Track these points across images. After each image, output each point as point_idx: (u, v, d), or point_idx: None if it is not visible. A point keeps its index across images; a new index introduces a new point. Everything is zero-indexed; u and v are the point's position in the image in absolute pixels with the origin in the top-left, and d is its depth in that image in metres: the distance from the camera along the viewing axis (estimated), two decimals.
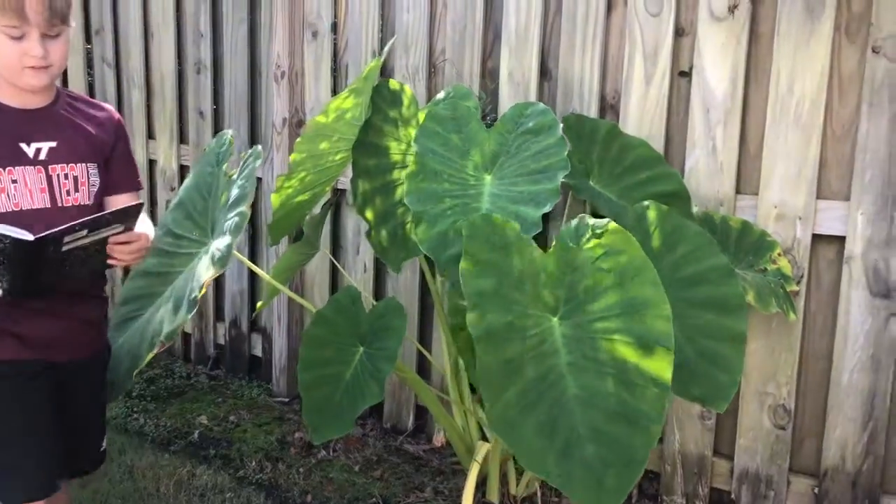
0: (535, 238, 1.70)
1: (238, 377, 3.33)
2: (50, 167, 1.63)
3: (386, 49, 2.16)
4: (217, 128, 3.32)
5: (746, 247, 2.09)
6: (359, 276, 2.93)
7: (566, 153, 1.79)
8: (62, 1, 1.60)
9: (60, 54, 1.63)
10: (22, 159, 1.60)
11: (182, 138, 3.43)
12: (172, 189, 3.46)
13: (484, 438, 2.30)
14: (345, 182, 2.79)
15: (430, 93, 2.71)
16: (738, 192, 2.19)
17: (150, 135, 3.52)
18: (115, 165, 1.77)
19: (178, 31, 3.36)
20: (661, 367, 1.50)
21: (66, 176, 1.65)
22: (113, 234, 1.55)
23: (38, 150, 1.63)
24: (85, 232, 1.48)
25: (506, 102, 2.51)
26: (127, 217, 1.55)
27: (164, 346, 1.61)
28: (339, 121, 2.06)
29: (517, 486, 2.32)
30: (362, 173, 2.12)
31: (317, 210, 2.65)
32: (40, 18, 1.56)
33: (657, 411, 1.48)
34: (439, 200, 1.81)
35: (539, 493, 2.32)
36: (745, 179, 2.19)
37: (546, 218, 1.83)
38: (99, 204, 1.72)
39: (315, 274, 3.06)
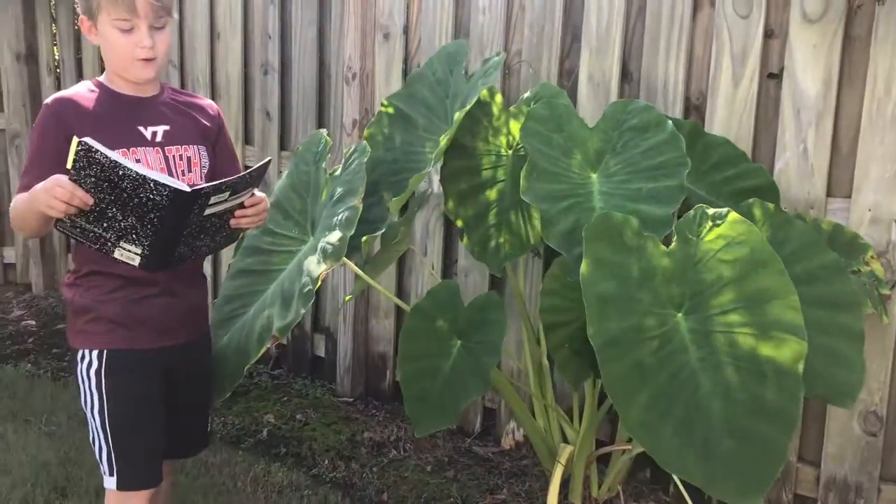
0: None
1: (300, 376, 3.33)
2: (166, 148, 1.69)
3: (492, 62, 2.12)
4: (283, 129, 3.34)
5: (838, 249, 2.06)
6: (426, 276, 2.93)
7: (683, 149, 1.78)
8: None
9: (165, 46, 1.69)
10: (142, 141, 1.66)
11: (247, 139, 3.46)
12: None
13: (565, 440, 2.29)
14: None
15: (506, 94, 2.71)
16: (829, 194, 2.17)
17: None
18: (220, 152, 1.82)
19: (244, 32, 3.39)
20: (793, 357, 1.48)
21: (180, 157, 1.71)
22: (245, 200, 1.57)
23: (155, 133, 1.68)
24: (227, 194, 1.50)
25: (584, 104, 2.50)
26: (259, 176, 1.57)
27: (276, 340, 1.62)
28: None
29: (599, 488, 2.31)
30: (453, 176, 2.12)
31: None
32: (149, 10, 1.62)
33: (793, 403, 1.47)
34: (557, 199, 1.80)
35: (621, 496, 2.30)
36: (837, 182, 2.17)
37: None
38: None
39: (382, 276, 3.07)
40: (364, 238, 1.90)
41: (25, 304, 4.08)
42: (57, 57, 4.19)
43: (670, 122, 1.84)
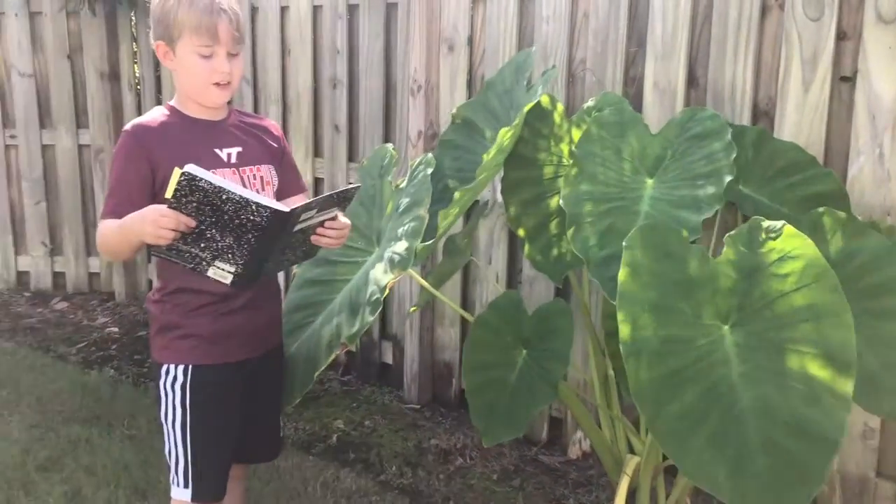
0: None
1: (369, 383, 3.39)
2: (241, 169, 1.75)
3: (547, 75, 2.13)
4: (351, 141, 3.41)
5: None
6: (490, 285, 2.95)
7: (733, 158, 1.76)
8: (242, 18, 1.74)
9: (239, 72, 1.75)
10: (220, 163, 1.72)
11: (317, 152, 3.54)
12: None
13: (632, 450, 2.27)
14: (481, 193, 2.82)
15: (569, 102, 2.71)
16: None
17: None
18: (285, 170, 1.88)
19: (314, 47, 3.48)
20: (842, 378, 1.44)
21: (254, 176, 1.77)
22: (328, 219, 1.62)
23: (230, 155, 1.75)
24: (315, 211, 1.55)
25: (650, 111, 2.48)
26: (347, 199, 1.61)
27: (345, 347, 1.66)
28: None
29: (666, 500, 2.27)
30: (514, 186, 2.14)
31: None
32: (228, 38, 1.69)
33: (838, 425, 1.42)
34: (597, 203, 1.81)
35: None
36: None
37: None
38: None
39: (446, 285, 3.10)
40: (419, 246, 1.93)
41: (109, 312, 4.26)
42: (137, 75, 4.37)
43: (730, 130, 1.81)
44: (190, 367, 1.71)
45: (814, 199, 1.99)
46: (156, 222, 1.50)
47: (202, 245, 1.54)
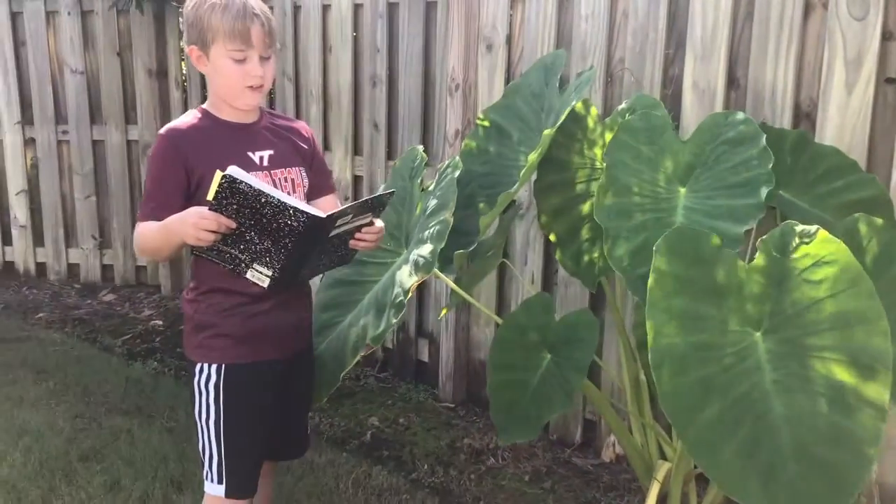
0: None
1: (405, 380, 3.41)
2: (272, 171, 1.77)
3: (585, 77, 2.11)
4: (390, 139, 3.43)
5: None
6: (526, 286, 2.94)
7: (770, 165, 1.72)
8: (274, 22, 1.76)
9: (271, 75, 1.78)
10: (252, 166, 1.74)
11: (356, 150, 3.57)
12: (346, 198, 3.59)
13: (663, 456, 2.25)
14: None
15: (607, 102, 2.69)
16: None
17: (327, 146, 3.68)
18: (316, 171, 1.89)
19: (354, 46, 3.50)
20: (878, 386, 1.40)
21: (285, 179, 1.79)
22: (364, 224, 1.64)
23: (262, 157, 1.77)
24: (350, 216, 1.57)
25: (688, 112, 2.45)
26: (382, 205, 1.63)
27: (370, 348, 1.68)
28: None
29: None
30: (546, 190, 2.13)
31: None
32: (261, 42, 1.71)
33: (873, 435, 1.38)
34: (630, 215, 1.78)
35: None
36: None
37: None
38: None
39: (482, 283, 3.10)
40: (457, 252, 1.94)
41: (154, 305, 4.36)
42: (184, 72, 4.46)
43: (764, 136, 1.77)
44: (223, 366, 1.74)
45: (856, 204, 1.94)
46: (197, 224, 1.54)
47: (241, 247, 1.57)
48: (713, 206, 1.76)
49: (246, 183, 1.48)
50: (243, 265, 1.60)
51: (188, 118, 1.78)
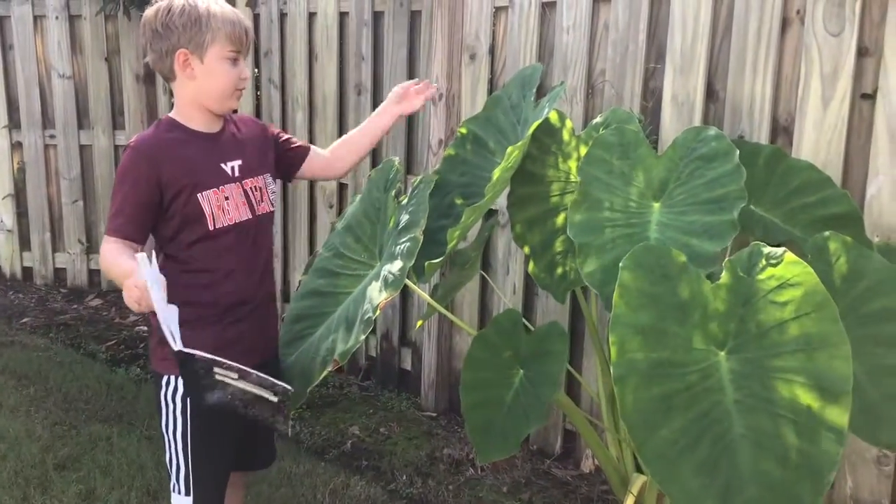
0: None
1: (388, 389, 3.41)
2: (243, 182, 1.78)
3: (555, 91, 2.11)
4: (375, 148, 3.41)
5: None
6: (508, 297, 2.94)
7: (743, 182, 1.72)
8: None
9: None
10: (226, 177, 1.75)
11: None
12: (331, 206, 3.59)
13: (639, 469, 2.24)
14: (497, 203, 2.81)
15: (588, 115, 2.69)
16: None
17: None
18: (285, 147, 1.95)
19: (340, 53, 3.50)
20: (838, 411, 1.39)
21: (254, 188, 1.80)
22: (279, 405, 1.57)
23: (233, 168, 1.77)
24: (235, 376, 1.53)
25: (668, 125, 2.45)
26: (285, 395, 1.54)
27: (337, 364, 1.67)
28: None
29: None
30: (520, 202, 2.12)
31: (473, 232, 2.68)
32: (248, 43, 1.75)
33: (831, 459, 1.37)
34: (603, 231, 1.78)
35: None
36: None
37: None
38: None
39: (465, 293, 3.10)
40: (427, 263, 1.93)
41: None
42: None
43: (737, 152, 1.77)
44: None
45: (828, 220, 1.95)
46: (127, 290, 1.52)
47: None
48: (687, 222, 1.76)
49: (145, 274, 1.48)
50: (174, 341, 1.57)
51: (158, 130, 1.75)
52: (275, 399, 1.56)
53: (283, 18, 3.71)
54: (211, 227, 1.71)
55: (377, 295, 1.67)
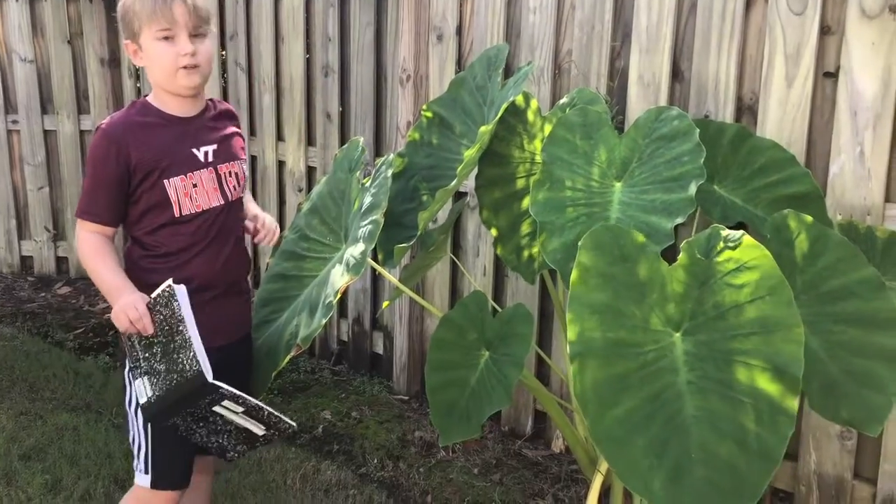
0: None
1: (360, 373, 3.40)
2: (218, 167, 1.77)
3: (522, 72, 2.09)
4: (343, 130, 3.40)
5: (894, 257, 1.96)
6: (478, 278, 2.94)
7: (702, 160, 1.72)
8: (203, 3, 1.74)
9: (207, 55, 1.75)
10: (197, 164, 1.74)
11: (310, 140, 3.53)
12: (300, 190, 3.56)
13: None
14: (466, 185, 2.80)
15: (555, 95, 2.68)
16: (887, 200, 2.05)
17: (280, 136, 3.64)
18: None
19: (306, 35, 3.46)
20: (788, 393, 1.40)
21: (230, 173, 1.80)
22: (256, 439, 1.66)
23: (206, 153, 1.77)
24: (240, 410, 1.59)
25: (634, 104, 2.45)
26: (278, 429, 1.66)
27: (300, 349, 1.66)
28: None
29: (641, 499, 2.26)
30: (488, 185, 2.12)
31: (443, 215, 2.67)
32: (187, 18, 1.69)
33: (780, 441, 1.38)
34: (565, 210, 1.78)
35: None
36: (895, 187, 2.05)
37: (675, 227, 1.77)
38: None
39: (435, 275, 3.09)
40: (396, 247, 1.92)
41: None
42: None
43: (697, 131, 1.78)
44: None
45: (790, 199, 1.96)
46: (123, 309, 1.60)
47: (146, 354, 1.61)
48: (648, 200, 1.77)
49: (179, 305, 1.54)
50: (139, 371, 1.63)
51: (131, 113, 1.75)
52: (260, 433, 1.63)
53: (249, 0, 3.65)
54: (177, 214, 1.72)
55: (339, 279, 1.66)
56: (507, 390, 1.76)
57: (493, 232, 2.10)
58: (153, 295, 1.58)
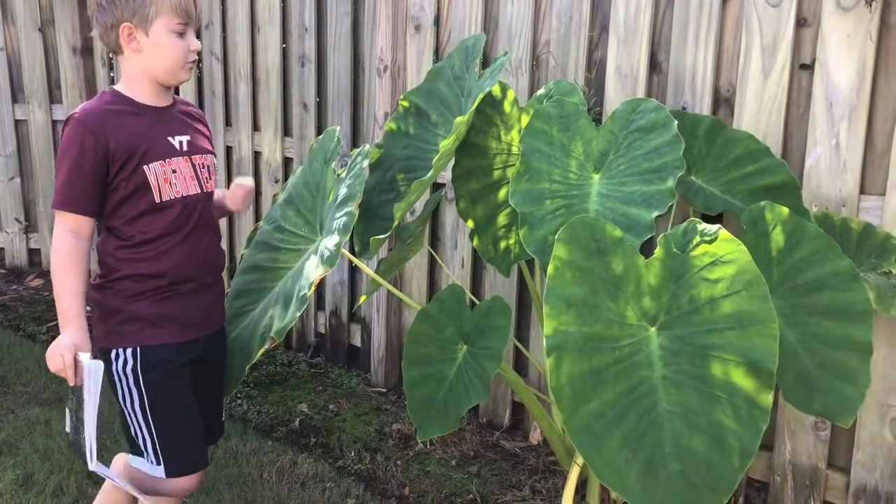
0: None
1: (337, 366, 3.38)
2: (192, 157, 1.77)
3: (498, 62, 2.08)
4: (320, 120, 3.36)
5: (868, 249, 1.97)
6: (456, 271, 2.93)
7: (681, 152, 1.72)
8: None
9: None
10: (174, 151, 1.73)
11: (286, 130, 3.50)
12: (277, 181, 3.53)
13: None
14: (444, 176, 2.78)
15: (533, 86, 2.67)
16: (862, 192, 2.06)
17: (256, 127, 3.60)
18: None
19: (283, 25, 3.42)
20: (762, 387, 1.40)
21: (202, 165, 1.79)
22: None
23: (181, 143, 1.75)
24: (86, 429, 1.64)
25: (612, 96, 2.44)
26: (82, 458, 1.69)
27: (274, 342, 1.64)
28: None
29: None
30: (464, 176, 2.10)
31: (419, 207, 2.65)
32: (197, 15, 1.71)
33: (754, 435, 1.38)
34: (544, 201, 1.77)
35: None
36: (871, 179, 2.06)
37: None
38: None
39: (414, 268, 3.07)
40: (372, 239, 1.90)
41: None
42: None
43: (675, 123, 1.77)
44: (138, 348, 1.72)
45: (766, 190, 1.97)
46: (57, 351, 1.61)
47: (72, 399, 1.68)
48: (627, 192, 1.76)
49: (85, 375, 1.59)
50: (70, 409, 1.69)
51: (104, 102, 1.71)
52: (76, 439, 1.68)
53: None
54: (157, 199, 1.70)
55: (313, 271, 1.64)
56: (486, 384, 1.75)
57: (470, 223, 2.08)
58: (80, 359, 1.60)
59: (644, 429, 1.39)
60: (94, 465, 1.57)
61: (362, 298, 2.52)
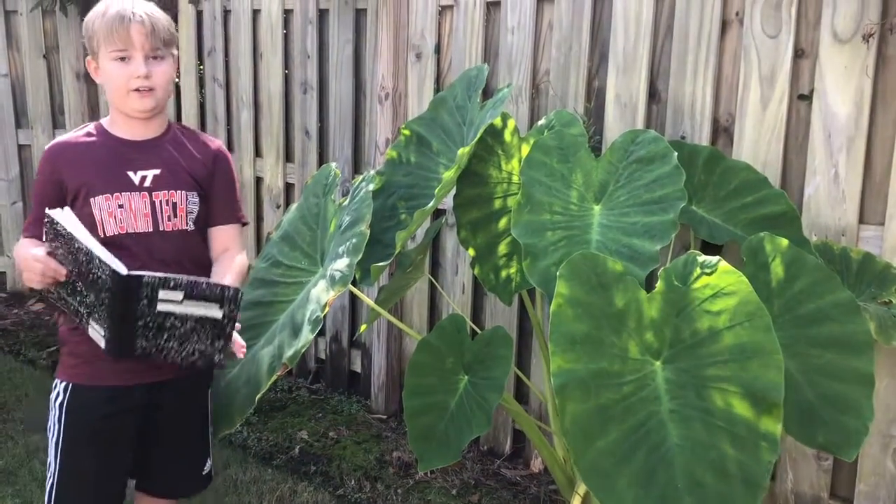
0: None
1: (338, 392, 3.37)
2: (153, 193, 1.71)
3: (502, 94, 2.09)
4: (322, 147, 3.38)
5: (868, 278, 1.98)
6: (457, 297, 2.93)
7: (682, 183, 1.73)
8: (164, 25, 1.72)
9: (164, 78, 1.71)
10: (128, 186, 1.70)
11: (288, 156, 3.51)
12: (278, 206, 3.54)
13: None
14: (445, 202, 2.79)
15: (533, 114, 2.69)
16: (861, 221, 2.07)
17: (258, 153, 3.62)
18: (215, 198, 1.81)
19: (285, 51, 3.45)
20: (771, 419, 1.40)
21: (166, 202, 1.72)
22: (223, 324, 1.51)
23: (144, 178, 1.72)
24: (181, 296, 1.46)
25: (611, 125, 2.46)
26: (229, 300, 1.49)
27: (286, 368, 1.64)
28: None
29: None
30: (466, 204, 2.11)
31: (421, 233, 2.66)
32: (143, 40, 1.67)
33: (764, 468, 1.38)
34: (545, 233, 1.78)
35: None
36: (870, 209, 2.07)
37: None
38: (202, 232, 1.79)
39: (414, 293, 3.08)
40: (373, 266, 1.91)
41: None
42: None
43: (675, 154, 1.78)
44: (70, 385, 1.68)
45: (766, 220, 1.97)
46: (28, 267, 1.51)
47: (78, 299, 1.51)
48: (629, 223, 1.77)
49: (61, 224, 1.45)
50: (83, 319, 1.53)
51: (80, 133, 1.75)
52: (219, 315, 1.49)
53: (227, 16, 3.64)
54: (101, 234, 1.66)
55: (324, 294, 1.64)
56: (488, 415, 1.74)
57: (471, 252, 2.09)
58: (44, 239, 1.50)
59: (654, 464, 1.39)
60: (125, 270, 1.43)
61: (362, 328, 2.52)
